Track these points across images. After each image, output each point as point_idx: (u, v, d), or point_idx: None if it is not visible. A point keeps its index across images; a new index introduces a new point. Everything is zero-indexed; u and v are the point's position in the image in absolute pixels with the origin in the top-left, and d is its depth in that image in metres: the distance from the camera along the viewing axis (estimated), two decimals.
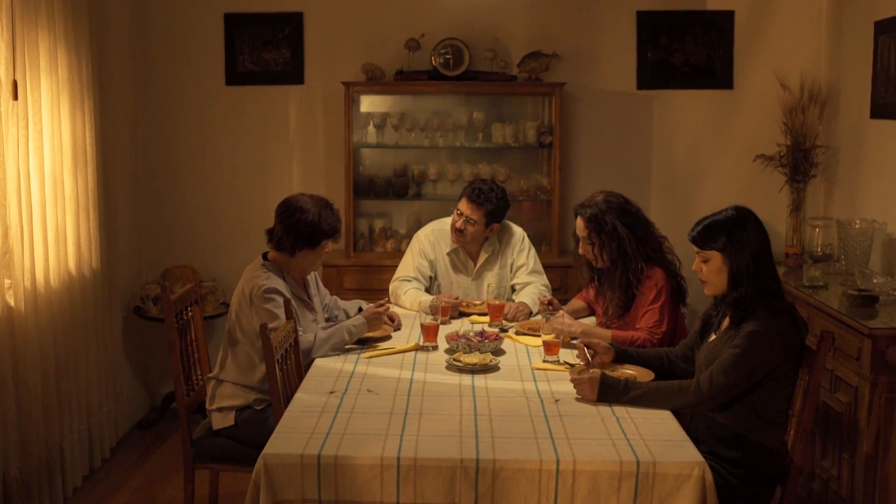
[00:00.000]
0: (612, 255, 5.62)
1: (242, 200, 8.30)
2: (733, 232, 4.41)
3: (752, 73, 8.15)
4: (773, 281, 4.44)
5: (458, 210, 6.37)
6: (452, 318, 6.11)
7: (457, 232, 6.38)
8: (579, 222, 5.73)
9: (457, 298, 6.24)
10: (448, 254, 6.53)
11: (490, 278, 6.50)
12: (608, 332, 5.46)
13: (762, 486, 4.41)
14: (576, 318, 5.82)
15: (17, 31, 5.66)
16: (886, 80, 6.67)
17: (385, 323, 5.73)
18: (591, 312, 6.19)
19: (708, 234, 4.47)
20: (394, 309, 6.11)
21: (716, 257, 4.45)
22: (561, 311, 5.66)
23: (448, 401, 4.47)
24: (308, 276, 5.72)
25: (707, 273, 4.50)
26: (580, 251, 5.80)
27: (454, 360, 5.03)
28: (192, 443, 5.39)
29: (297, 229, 5.42)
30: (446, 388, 4.68)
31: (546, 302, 5.94)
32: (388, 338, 5.67)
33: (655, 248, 5.65)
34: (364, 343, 5.53)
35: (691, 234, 4.54)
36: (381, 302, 5.73)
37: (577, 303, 6.27)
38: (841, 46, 7.67)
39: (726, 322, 4.51)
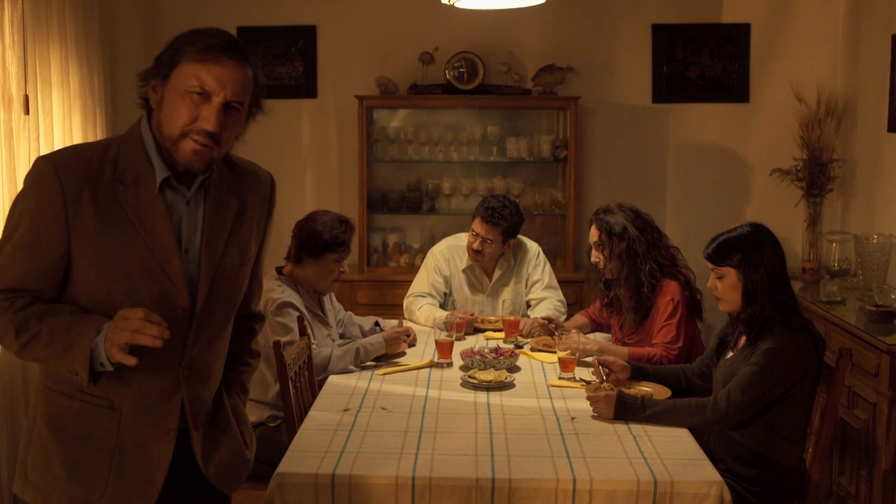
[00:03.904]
0: (620, 256, 5.60)
1: None
2: (748, 249, 4.40)
3: (768, 86, 8.13)
4: (789, 297, 4.42)
5: (472, 231, 6.32)
6: (467, 334, 6.07)
7: (475, 253, 6.33)
8: (592, 228, 5.74)
9: (472, 314, 6.20)
10: (463, 270, 6.49)
11: (505, 294, 6.47)
12: (624, 350, 5.43)
13: (780, 503, 4.38)
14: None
15: (29, 45, 5.68)
16: None
17: (402, 339, 5.70)
18: (594, 328, 6.20)
19: (723, 251, 4.45)
20: (408, 325, 6.08)
21: (730, 274, 4.43)
22: (574, 329, 5.64)
23: (463, 418, 4.44)
24: None
25: (722, 290, 4.48)
26: (592, 259, 5.78)
27: (469, 376, 4.99)
28: None
29: (302, 237, 5.48)
30: (461, 406, 4.64)
31: (545, 321, 5.96)
32: (402, 354, 5.63)
33: (668, 258, 5.64)
34: (378, 359, 5.50)
35: (706, 252, 4.53)
36: (405, 329, 5.72)
37: (579, 319, 6.27)
38: (858, 59, 7.64)
39: (743, 339, 4.48)
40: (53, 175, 2.90)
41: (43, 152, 5.75)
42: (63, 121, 6.12)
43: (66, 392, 3.05)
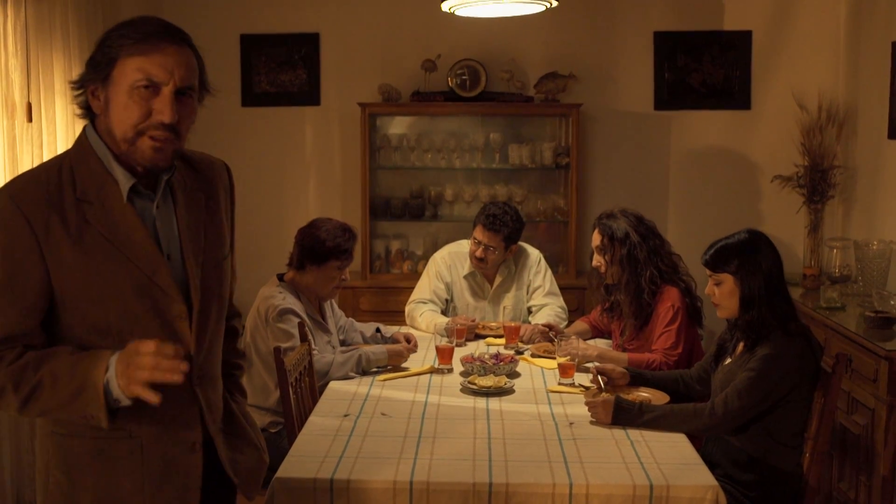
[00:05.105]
0: (622, 261, 5.62)
1: (258, 223, 8.28)
2: (746, 255, 4.41)
3: (769, 93, 8.15)
4: (786, 303, 4.43)
5: (475, 239, 6.33)
6: (468, 340, 6.08)
7: (478, 261, 6.34)
8: (595, 232, 5.75)
9: (473, 321, 6.21)
10: (465, 276, 6.50)
11: (507, 300, 6.48)
12: (624, 356, 5.44)
13: None
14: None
15: (32, 52, 5.70)
16: None
17: (406, 354, 5.68)
18: (595, 335, 6.20)
19: (720, 258, 4.47)
20: (409, 331, 6.09)
21: (728, 280, 4.44)
22: (574, 335, 5.65)
23: (462, 424, 4.46)
24: None
25: (719, 296, 4.50)
26: (594, 263, 5.80)
27: (469, 382, 5.01)
28: None
29: (304, 244, 5.50)
30: (460, 412, 4.66)
31: (546, 328, 5.97)
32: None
33: (669, 265, 5.65)
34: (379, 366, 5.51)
35: (704, 258, 4.55)
36: (412, 346, 5.73)
37: (580, 325, 6.26)
38: (858, 66, 7.66)
39: (741, 345, 4.49)
40: (15, 209, 2.76)
41: (46, 160, 5.78)
42: (66, 128, 6.13)
43: (78, 434, 2.92)
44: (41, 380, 2.75)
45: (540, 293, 6.48)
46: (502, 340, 6.01)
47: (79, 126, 6.12)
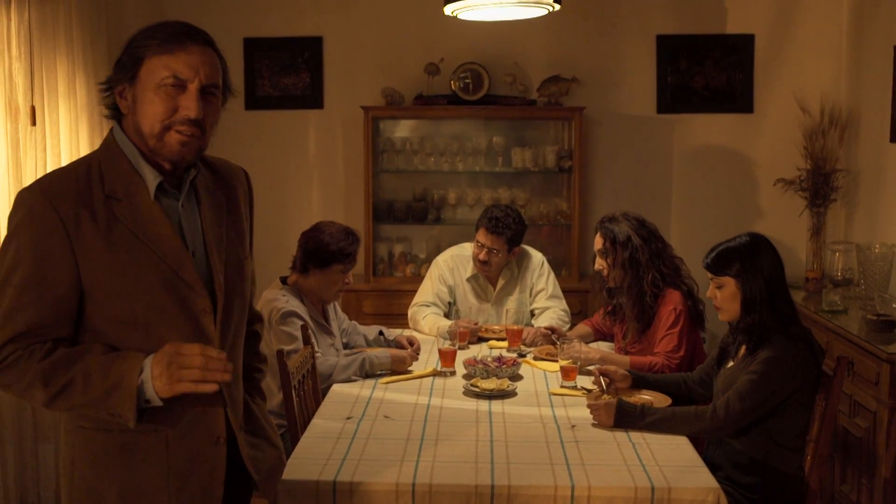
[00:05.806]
0: (624, 264, 5.62)
1: (261, 226, 8.22)
2: (747, 258, 4.42)
3: (772, 96, 8.15)
4: (788, 306, 4.44)
5: (478, 242, 6.35)
6: (471, 343, 6.10)
7: (482, 264, 6.36)
8: (597, 236, 5.76)
9: (475, 323, 6.22)
10: (467, 279, 6.51)
11: (510, 303, 6.49)
12: (626, 359, 5.44)
13: None
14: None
15: (36, 56, 5.70)
16: None
17: (409, 361, 5.68)
18: (598, 338, 6.20)
19: (721, 261, 4.48)
20: (411, 334, 6.09)
21: (729, 283, 4.45)
22: (576, 338, 5.66)
23: (464, 426, 4.46)
24: None
25: (721, 299, 4.51)
26: (596, 267, 5.80)
27: (471, 385, 5.02)
28: None
29: (308, 247, 5.52)
30: (463, 414, 4.67)
31: (548, 331, 5.97)
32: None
33: (671, 268, 5.65)
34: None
35: (705, 261, 4.56)
36: (414, 351, 5.71)
37: (582, 328, 6.26)
38: (861, 70, 7.66)
39: (743, 349, 4.50)
40: (47, 204, 2.82)
41: (50, 163, 5.80)
42: (69, 132, 6.14)
43: (104, 428, 2.95)
44: (73, 378, 2.80)
45: (543, 296, 6.49)
46: (505, 343, 6.03)
47: (83, 129, 6.21)
